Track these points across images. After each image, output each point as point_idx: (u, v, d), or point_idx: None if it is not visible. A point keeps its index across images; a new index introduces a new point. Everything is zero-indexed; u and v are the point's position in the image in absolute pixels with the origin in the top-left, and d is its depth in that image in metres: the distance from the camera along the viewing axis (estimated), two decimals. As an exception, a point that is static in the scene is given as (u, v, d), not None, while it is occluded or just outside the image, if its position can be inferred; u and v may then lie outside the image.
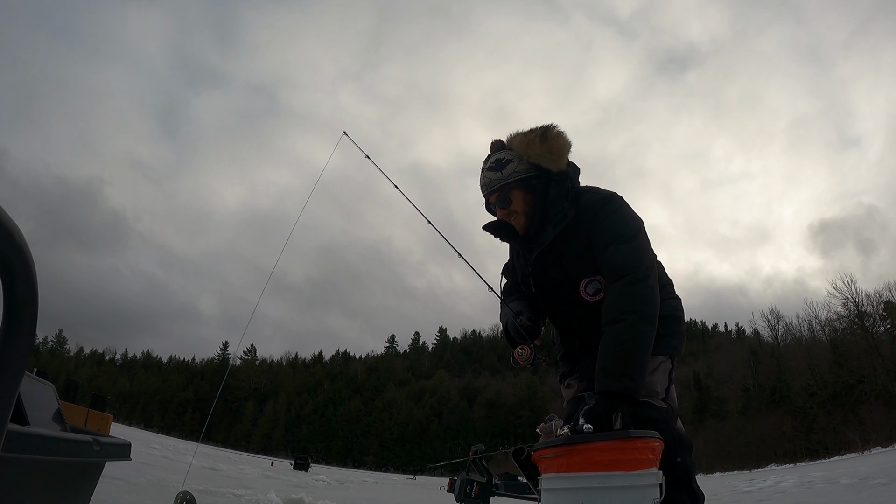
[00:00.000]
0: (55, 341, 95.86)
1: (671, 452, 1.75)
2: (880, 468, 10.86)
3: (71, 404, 3.47)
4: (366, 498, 10.08)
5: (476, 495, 4.11)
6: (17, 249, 0.49)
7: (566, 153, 1.93)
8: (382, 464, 72.04)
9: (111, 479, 4.54)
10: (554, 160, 1.89)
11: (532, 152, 1.90)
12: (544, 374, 79.42)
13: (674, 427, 1.85)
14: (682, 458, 1.80)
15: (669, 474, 1.71)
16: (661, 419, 1.79)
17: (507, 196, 1.92)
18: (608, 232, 1.83)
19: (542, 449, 1.71)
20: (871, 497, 5.95)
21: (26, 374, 1.59)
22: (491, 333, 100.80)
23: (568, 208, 1.87)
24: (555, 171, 1.90)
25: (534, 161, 1.90)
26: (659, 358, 1.88)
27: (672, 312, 1.98)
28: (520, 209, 1.93)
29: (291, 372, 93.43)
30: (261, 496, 5.62)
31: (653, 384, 1.83)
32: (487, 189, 1.96)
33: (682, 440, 1.85)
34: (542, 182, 1.92)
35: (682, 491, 1.77)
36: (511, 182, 1.92)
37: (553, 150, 1.89)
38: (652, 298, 1.76)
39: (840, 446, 37.49)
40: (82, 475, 1.89)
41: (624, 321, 1.72)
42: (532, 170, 1.92)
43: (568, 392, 2.14)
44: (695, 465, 1.86)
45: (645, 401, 1.79)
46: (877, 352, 44.48)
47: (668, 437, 1.76)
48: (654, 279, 1.80)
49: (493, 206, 1.97)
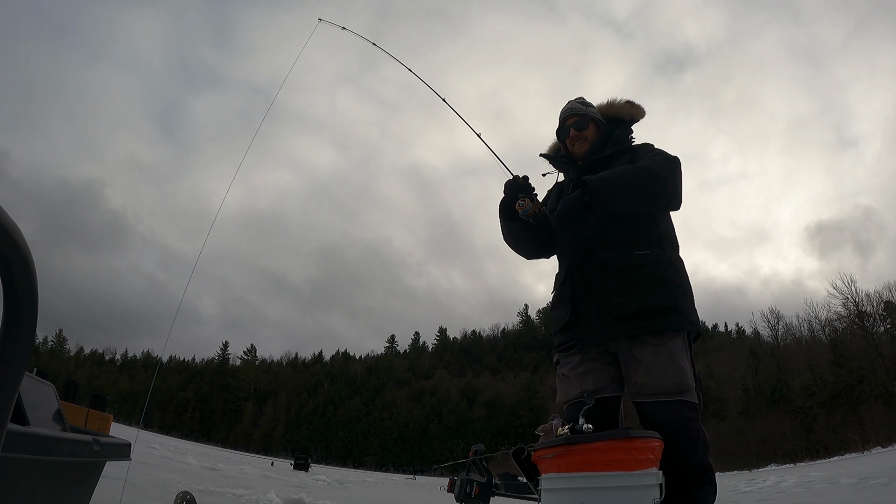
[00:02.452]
0: (55, 341, 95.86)
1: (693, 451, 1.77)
2: (880, 468, 10.86)
3: (71, 404, 3.47)
4: (366, 498, 10.08)
5: (476, 495, 4.11)
6: (17, 249, 0.49)
7: (643, 113, 2.27)
8: (382, 464, 72.02)
9: (111, 479, 4.54)
10: (631, 111, 2.26)
11: (615, 106, 2.27)
12: (544, 374, 79.48)
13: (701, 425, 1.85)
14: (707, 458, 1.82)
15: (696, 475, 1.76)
16: (694, 418, 1.81)
17: (585, 122, 2.21)
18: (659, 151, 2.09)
19: (542, 449, 1.72)
20: (871, 497, 5.95)
21: (26, 374, 1.59)
22: (491, 333, 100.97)
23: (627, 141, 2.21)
24: (627, 118, 2.24)
25: (613, 114, 2.25)
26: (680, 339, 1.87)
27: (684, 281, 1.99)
28: (589, 137, 2.20)
29: (291, 372, 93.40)
30: (261, 496, 5.61)
31: (685, 376, 1.82)
32: (570, 112, 2.25)
33: (706, 439, 1.85)
34: (610, 127, 2.23)
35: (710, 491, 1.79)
36: (592, 115, 2.23)
37: (634, 106, 2.28)
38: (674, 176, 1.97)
39: (840, 446, 37.48)
40: (82, 475, 1.89)
41: (640, 170, 1.94)
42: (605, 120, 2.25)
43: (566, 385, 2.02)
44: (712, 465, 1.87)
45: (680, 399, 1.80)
46: (877, 352, 44.47)
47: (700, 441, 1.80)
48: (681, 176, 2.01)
49: (569, 127, 2.22)
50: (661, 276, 1.91)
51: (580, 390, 1.93)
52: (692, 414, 1.80)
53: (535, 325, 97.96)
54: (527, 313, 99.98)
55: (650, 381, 1.82)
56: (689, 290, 1.97)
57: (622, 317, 1.86)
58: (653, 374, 1.81)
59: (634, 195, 1.93)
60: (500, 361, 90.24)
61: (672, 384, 1.80)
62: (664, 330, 1.84)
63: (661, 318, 1.84)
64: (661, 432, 1.71)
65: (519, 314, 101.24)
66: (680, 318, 1.87)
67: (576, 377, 1.98)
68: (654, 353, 1.83)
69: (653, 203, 2.00)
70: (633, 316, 1.85)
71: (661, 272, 1.91)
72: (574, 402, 1.95)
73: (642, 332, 1.85)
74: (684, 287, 1.96)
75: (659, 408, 1.80)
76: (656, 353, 1.83)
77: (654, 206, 2.02)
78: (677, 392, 1.79)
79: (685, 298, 1.93)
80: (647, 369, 1.82)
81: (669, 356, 1.82)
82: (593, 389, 1.91)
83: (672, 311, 1.86)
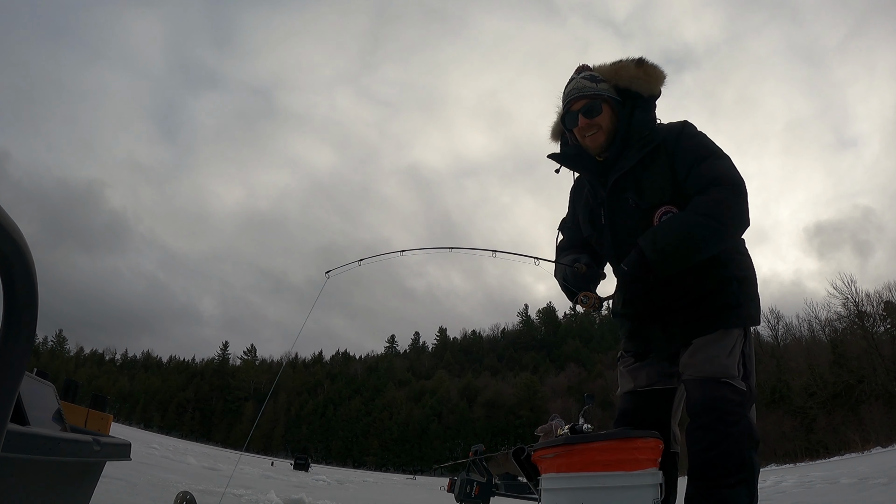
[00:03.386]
0: (55, 341, 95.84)
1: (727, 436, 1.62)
2: (880, 468, 10.86)
3: (71, 404, 3.46)
4: (366, 498, 10.08)
5: (476, 495, 4.11)
6: (17, 249, 0.49)
7: (661, 79, 1.87)
8: (382, 464, 72.01)
9: (111, 479, 4.54)
10: (649, 82, 1.84)
11: (624, 75, 1.84)
12: (544, 374, 79.45)
13: (747, 415, 1.70)
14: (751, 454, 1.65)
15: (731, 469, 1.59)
16: (736, 402, 1.66)
17: (597, 105, 1.82)
18: (701, 148, 1.78)
19: (542, 449, 1.71)
20: (871, 497, 5.95)
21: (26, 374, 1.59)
22: (491, 333, 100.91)
23: (655, 133, 1.81)
24: (646, 94, 1.84)
25: (623, 85, 1.84)
26: (734, 334, 1.75)
27: (747, 272, 1.82)
28: (604, 124, 1.82)
29: (291, 372, 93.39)
30: (261, 496, 5.61)
31: (727, 366, 1.70)
32: (578, 93, 1.84)
33: (752, 432, 1.69)
34: (627, 109, 1.84)
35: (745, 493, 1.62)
36: (605, 95, 1.83)
37: (650, 73, 1.85)
38: (744, 218, 1.70)
39: (840, 446, 37.45)
40: (82, 475, 1.89)
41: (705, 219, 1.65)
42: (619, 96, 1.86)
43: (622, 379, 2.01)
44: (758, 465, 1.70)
45: (725, 381, 1.68)
46: (877, 352, 44.45)
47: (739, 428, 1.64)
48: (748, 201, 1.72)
49: (576, 113, 1.83)
50: (722, 276, 1.77)
51: (633, 385, 1.96)
52: (735, 397, 1.66)
53: (535, 326, 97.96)
54: (527, 313, 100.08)
55: (696, 361, 1.74)
56: (751, 282, 1.83)
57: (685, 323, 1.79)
58: (701, 357, 1.73)
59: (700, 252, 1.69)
60: (500, 361, 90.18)
61: (719, 367, 1.70)
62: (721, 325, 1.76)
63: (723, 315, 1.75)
64: (698, 409, 1.67)
65: (519, 314, 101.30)
66: (740, 314, 1.76)
67: (630, 372, 1.99)
68: (706, 340, 1.75)
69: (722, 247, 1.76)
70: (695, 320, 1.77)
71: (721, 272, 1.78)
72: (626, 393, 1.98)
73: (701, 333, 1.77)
74: (747, 280, 1.81)
75: (700, 385, 1.71)
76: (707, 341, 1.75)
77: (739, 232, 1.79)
78: (722, 374, 1.69)
79: (748, 293, 1.80)
80: (695, 350, 1.75)
81: (720, 344, 1.73)
82: (646, 383, 1.93)
83: (733, 308, 1.76)
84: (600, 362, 73.94)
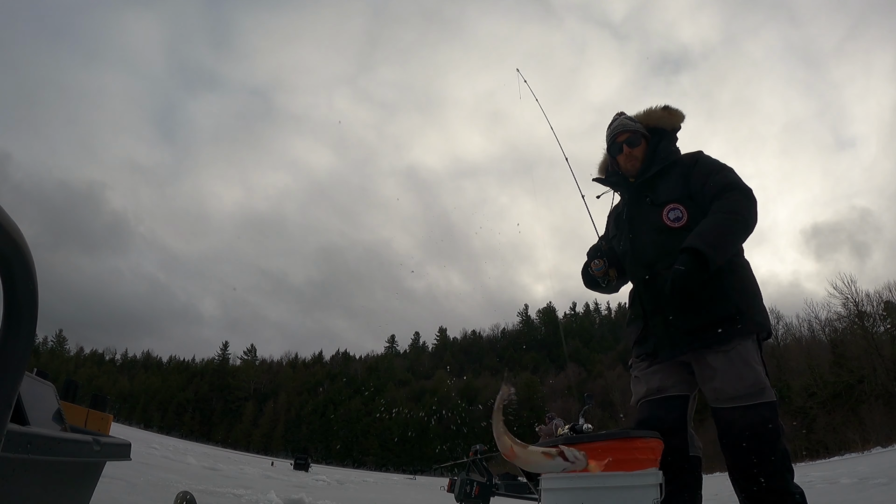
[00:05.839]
0: (55, 341, 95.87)
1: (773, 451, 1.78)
2: (880, 468, 10.86)
3: (71, 404, 3.46)
4: (366, 498, 10.08)
5: (476, 495, 4.11)
6: (17, 249, 0.49)
7: (681, 118, 2.37)
8: (382, 464, 72.01)
9: (111, 479, 4.54)
10: (671, 120, 2.35)
11: (653, 116, 2.35)
12: (544, 374, 79.43)
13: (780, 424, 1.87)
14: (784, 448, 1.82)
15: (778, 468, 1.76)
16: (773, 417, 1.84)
17: (637, 139, 2.29)
18: (713, 165, 2.15)
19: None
20: (871, 497, 5.95)
21: (26, 374, 1.59)
22: (491, 333, 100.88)
23: (673, 155, 2.26)
24: (669, 129, 2.32)
25: (652, 124, 2.34)
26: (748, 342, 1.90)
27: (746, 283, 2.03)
28: (639, 154, 2.28)
29: (291, 372, 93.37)
30: (261, 496, 5.61)
31: (760, 376, 1.87)
32: (622, 128, 2.32)
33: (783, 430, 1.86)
34: (654, 140, 2.31)
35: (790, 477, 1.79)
36: (641, 131, 2.32)
37: (672, 114, 2.36)
38: (756, 217, 1.99)
39: (840, 446, 37.48)
40: (82, 475, 1.89)
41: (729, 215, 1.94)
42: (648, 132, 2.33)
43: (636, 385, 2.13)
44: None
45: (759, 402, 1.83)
46: (877, 352, 44.45)
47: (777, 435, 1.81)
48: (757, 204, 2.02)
49: (621, 144, 2.30)
50: (721, 285, 1.94)
51: (646, 388, 2.06)
52: (771, 414, 1.83)
53: (535, 326, 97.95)
54: (527, 313, 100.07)
55: (726, 386, 1.86)
56: (754, 291, 2.02)
57: (688, 331, 1.94)
58: (728, 378, 1.86)
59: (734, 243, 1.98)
60: (500, 361, 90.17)
61: (748, 386, 1.84)
62: (731, 337, 1.89)
63: (727, 326, 1.90)
64: (742, 437, 1.79)
65: (519, 314, 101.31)
66: (746, 322, 1.91)
67: (644, 377, 2.10)
68: (726, 358, 1.88)
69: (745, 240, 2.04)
70: (699, 329, 1.92)
71: (720, 282, 1.94)
72: (642, 400, 2.07)
73: (710, 342, 1.91)
74: (748, 291, 2.00)
75: (738, 413, 1.84)
76: (728, 358, 1.88)
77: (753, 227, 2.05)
78: (755, 394, 1.83)
79: (750, 302, 1.97)
80: (722, 375, 1.88)
81: (741, 359, 1.87)
82: (658, 388, 2.02)
83: (736, 318, 1.90)
84: (600, 362, 73.97)
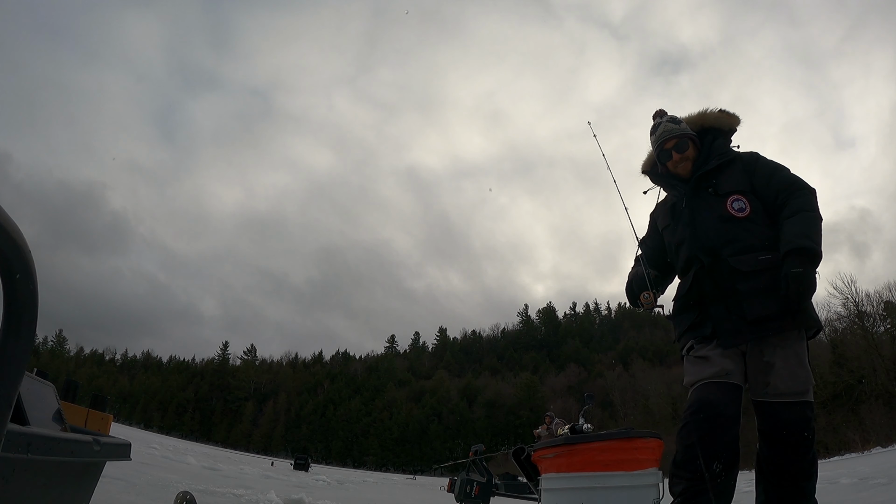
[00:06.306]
0: (55, 341, 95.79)
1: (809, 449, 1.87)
2: (880, 468, 10.86)
3: (71, 404, 3.46)
4: (366, 498, 10.08)
5: (476, 495, 4.11)
6: (17, 250, 0.49)
7: (738, 120, 2.35)
8: (382, 464, 72.01)
9: (111, 479, 4.54)
10: (729, 121, 2.34)
11: (710, 118, 2.34)
12: (544, 374, 79.42)
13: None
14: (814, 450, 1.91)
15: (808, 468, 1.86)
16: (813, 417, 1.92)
17: (685, 143, 2.27)
18: (774, 164, 2.18)
19: (542, 449, 1.72)
20: (871, 497, 5.95)
21: (26, 374, 1.59)
22: (490, 333, 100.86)
23: (731, 152, 2.25)
24: (726, 129, 2.31)
25: (709, 125, 2.32)
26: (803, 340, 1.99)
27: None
28: (690, 157, 2.26)
29: (291, 372, 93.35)
30: (261, 496, 5.61)
31: (810, 377, 1.95)
32: (668, 135, 2.29)
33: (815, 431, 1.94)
34: (707, 139, 2.29)
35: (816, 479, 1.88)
36: (688, 133, 2.29)
37: (730, 116, 2.35)
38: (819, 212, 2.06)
39: (840, 446, 37.47)
40: (82, 475, 1.89)
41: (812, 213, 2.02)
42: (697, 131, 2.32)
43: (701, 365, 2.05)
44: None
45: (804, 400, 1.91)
46: (877, 352, 44.45)
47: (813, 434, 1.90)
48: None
49: (670, 151, 2.28)
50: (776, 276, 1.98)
51: (719, 368, 1.99)
52: (812, 414, 1.91)
53: (535, 325, 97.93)
54: (527, 313, 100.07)
55: (780, 383, 1.92)
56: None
57: (754, 320, 1.96)
58: (783, 376, 1.92)
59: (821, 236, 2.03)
60: (500, 361, 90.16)
61: (800, 384, 1.92)
62: (790, 329, 1.95)
63: (789, 319, 1.95)
64: (785, 431, 1.88)
65: (519, 314, 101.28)
66: (804, 318, 1.97)
67: (715, 357, 2.03)
68: (783, 355, 1.95)
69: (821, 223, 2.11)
70: (765, 319, 1.95)
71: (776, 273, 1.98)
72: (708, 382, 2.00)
73: (771, 333, 1.95)
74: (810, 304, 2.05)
75: (785, 408, 1.91)
76: (785, 355, 1.94)
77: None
78: (802, 392, 1.91)
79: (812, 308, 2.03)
80: (779, 372, 1.93)
81: (797, 358, 1.94)
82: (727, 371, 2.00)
83: (797, 311, 1.95)
84: (600, 362, 73.94)
